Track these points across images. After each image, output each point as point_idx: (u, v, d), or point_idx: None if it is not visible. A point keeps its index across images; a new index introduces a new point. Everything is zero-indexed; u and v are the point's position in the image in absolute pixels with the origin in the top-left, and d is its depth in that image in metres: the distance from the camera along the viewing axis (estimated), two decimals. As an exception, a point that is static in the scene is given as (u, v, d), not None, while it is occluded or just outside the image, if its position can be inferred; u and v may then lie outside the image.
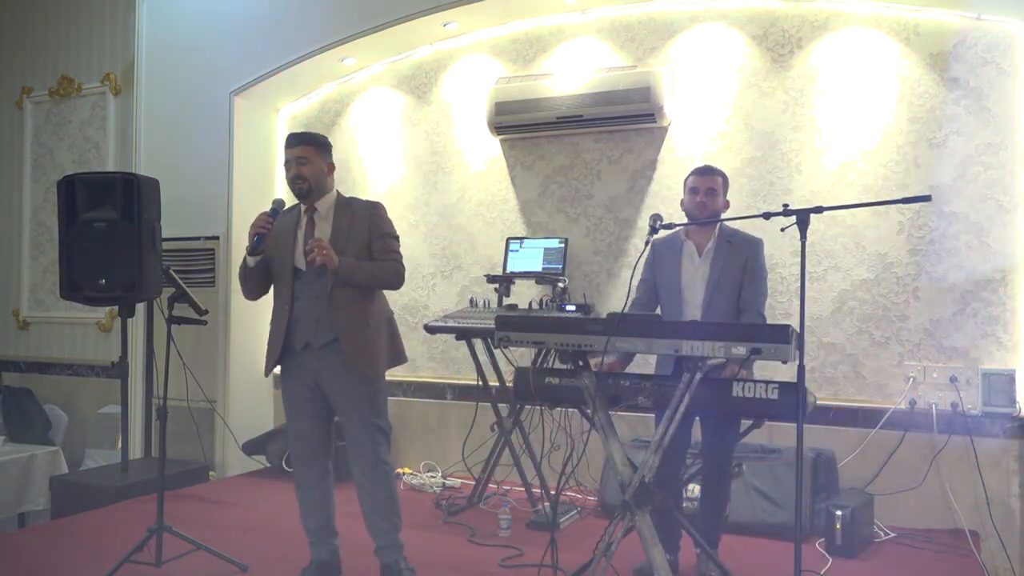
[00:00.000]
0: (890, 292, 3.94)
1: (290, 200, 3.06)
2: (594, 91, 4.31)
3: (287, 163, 2.95)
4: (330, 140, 3.10)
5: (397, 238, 3.05)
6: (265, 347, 3.05)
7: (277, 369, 3.04)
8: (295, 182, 2.93)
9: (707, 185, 3.09)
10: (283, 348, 2.95)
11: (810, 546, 3.42)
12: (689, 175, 3.17)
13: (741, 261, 3.07)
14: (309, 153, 2.93)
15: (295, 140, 2.97)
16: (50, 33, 6.00)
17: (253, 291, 3.05)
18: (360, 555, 3.07)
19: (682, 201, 3.17)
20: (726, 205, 3.18)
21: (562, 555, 2.78)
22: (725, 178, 3.18)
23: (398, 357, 3.07)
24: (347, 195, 3.08)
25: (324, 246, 2.80)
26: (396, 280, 3.00)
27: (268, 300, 4.71)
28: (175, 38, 5.27)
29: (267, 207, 2.99)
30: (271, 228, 2.90)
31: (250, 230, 2.88)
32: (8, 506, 4.52)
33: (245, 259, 2.96)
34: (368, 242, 2.95)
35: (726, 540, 3.24)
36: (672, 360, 3.03)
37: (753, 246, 3.12)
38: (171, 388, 3.29)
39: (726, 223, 3.17)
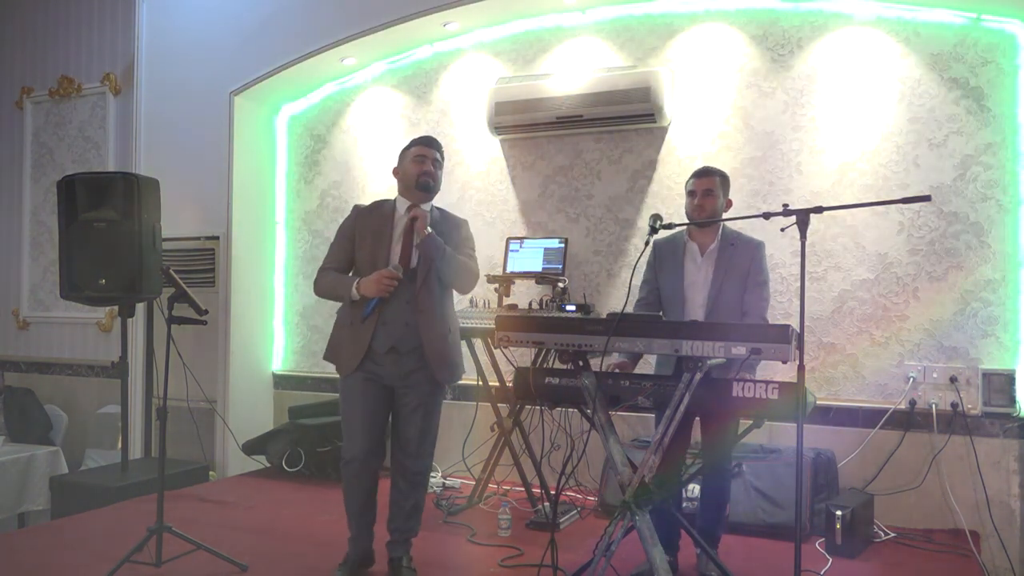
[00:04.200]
0: (890, 292, 3.94)
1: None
2: (594, 91, 4.31)
3: (421, 157, 3.03)
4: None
5: (475, 253, 3.18)
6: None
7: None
8: (424, 175, 3.01)
9: (704, 187, 3.11)
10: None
11: (810, 546, 3.42)
12: (689, 178, 3.19)
13: (745, 263, 3.08)
14: (439, 160, 3.08)
15: (434, 143, 3.09)
16: (50, 33, 6.00)
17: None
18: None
19: (685, 204, 3.18)
20: (728, 205, 3.19)
21: (562, 555, 2.78)
22: (724, 177, 3.18)
23: (462, 368, 3.17)
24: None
25: (423, 216, 2.91)
26: (472, 280, 3.09)
27: (265, 299, 4.64)
28: (175, 38, 5.28)
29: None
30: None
31: (379, 286, 2.87)
32: (8, 506, 4.52)
33: (349, 292, 2.94)
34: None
35: (726, 540, 3.24)
36: (673, 360, 3.03)
37: (756, 249, 3.13)
38: (171, 388, 3.29)
39: (728, 225, 3.18)
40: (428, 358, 2.94)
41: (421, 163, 3.02)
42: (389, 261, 2.95)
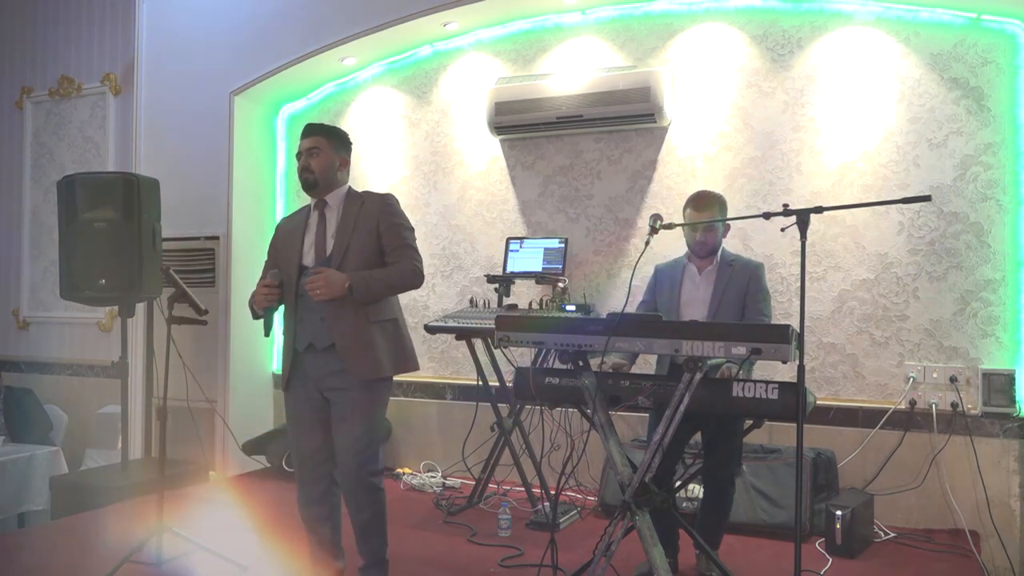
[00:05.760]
0: (890, 292, 3.94)
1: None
2: (594, 91, 4.31)
3: (298, 154, 2.88)
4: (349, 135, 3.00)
5: (411, 229, 2.90)
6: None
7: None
8: (302, 173, 2.86)
9: (707, 225, 3.07)
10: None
11: (810, 546, 3.43)
12: (687, 206, 3.14)
13: (743, 284, 3.08)
14: (321, 144, 2.85)
15: (309, 131, 2.90)
16: (50, 33, 6.00)
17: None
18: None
19: (684, 232, 3.15)
20: (726, 229, 3.19)
21: (562, 555, 2.78)
22: (722, 204, 3.14)
23: (406, 362, 2.88)
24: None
25: (321, 283, 2.66)
26: (415, 279, 2.83)
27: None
28: (175, 38, 5.28)
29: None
30: (277, 300, 2.82)
31: (258, 299, 2.80)
32: (8, 506, 4.53)
33: (252, 304, 2.88)
34: (377, 232, 2.81)
35: (726, 540, 3.24)
36: (668, 360, 3.04)
37: (755, 269, 3.14)
38: (171, 388, 3.29)
39: (727, 248, 3.20)
40: (341, 352, 2.73)
41: (299, 160, 2.87)
42: (301, 258, 2.84)
